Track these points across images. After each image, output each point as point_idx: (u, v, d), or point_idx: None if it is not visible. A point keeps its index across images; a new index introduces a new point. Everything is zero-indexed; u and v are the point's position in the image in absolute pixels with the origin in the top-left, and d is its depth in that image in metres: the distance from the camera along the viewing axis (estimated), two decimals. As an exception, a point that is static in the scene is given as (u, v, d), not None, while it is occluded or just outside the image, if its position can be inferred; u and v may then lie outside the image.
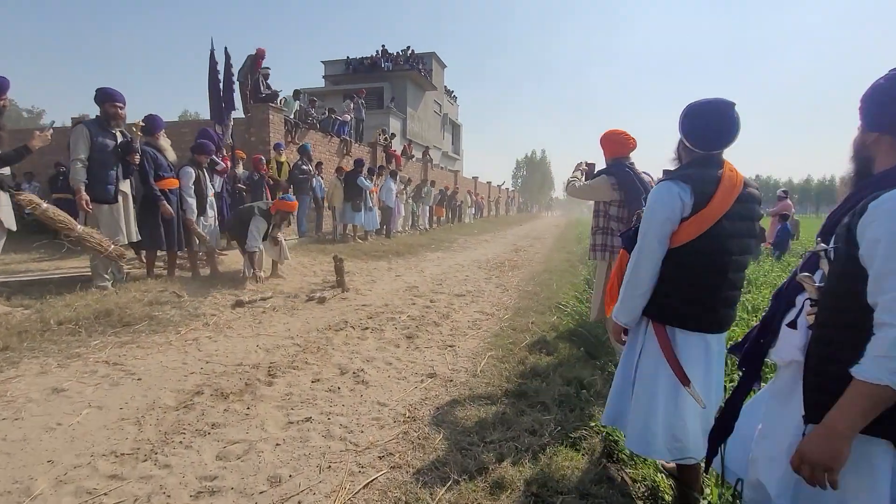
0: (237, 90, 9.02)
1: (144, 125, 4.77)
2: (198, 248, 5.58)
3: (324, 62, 29.42)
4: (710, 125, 1.69)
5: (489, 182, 32.12)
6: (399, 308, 5.00)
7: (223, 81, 7.51)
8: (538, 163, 76.94)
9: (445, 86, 33.90)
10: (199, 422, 2.40)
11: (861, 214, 1.08)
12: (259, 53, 9.42)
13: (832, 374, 1.11)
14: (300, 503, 1.83)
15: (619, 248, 3.28)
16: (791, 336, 1.26)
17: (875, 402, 1.01)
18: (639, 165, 3.32)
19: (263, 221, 5.36)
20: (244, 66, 9.52)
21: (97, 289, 4.45)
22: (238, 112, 8.82)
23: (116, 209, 4.51)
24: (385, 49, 27.88)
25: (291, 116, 10.67)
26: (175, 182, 5.06)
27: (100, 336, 3.61)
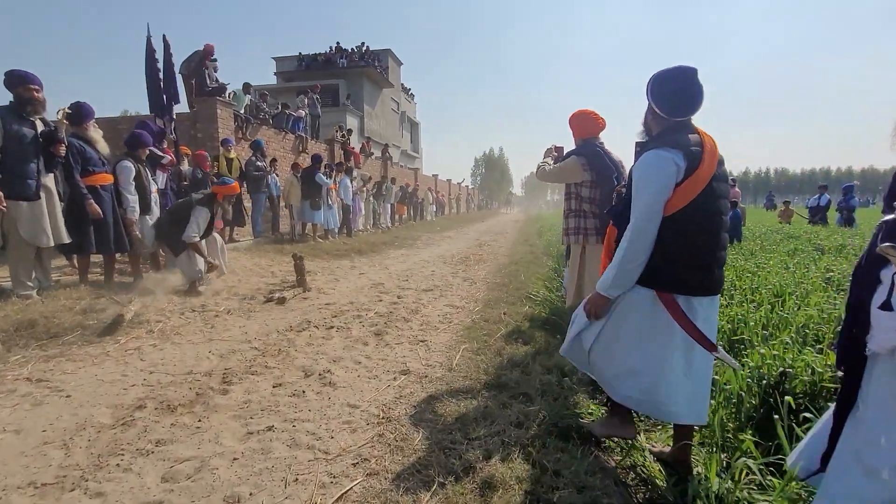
0: (181, 81, 8.42)
1: (71, 113, 4.22)
2: (141, 250, 5.07)
3: (275, 58, 28.32)
4: (680, 91, 1.71)
5: (449, 180, 32.14)
6: (365, 305, 4.75)
7: (163, 71, 6.93)
8: (496, 160, 77.77)
9: (402, 83, 33.51)
10: (141, 440, 2.08)
11: None
12: (207, 50, 8.83)
13: None
14: (264, 525, 1.59)
15: (593, 231, 3.23)
16: (887, 319, 1.11)
17: None
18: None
19: (206, 210, 4.90)
20: (190, 60, 8.89)
21: (19, 298, 3.92)
22: (183, 106, 8.22)
23: (38, 207, 3.96)
24: (339, 45, 27.17)
25: (242, 111, 10.08)
26: (107, 177, 4.55)
27: (21, 350, 3.15)
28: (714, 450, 1.93)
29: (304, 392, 2.64)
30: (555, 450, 1.94)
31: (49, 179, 4.08)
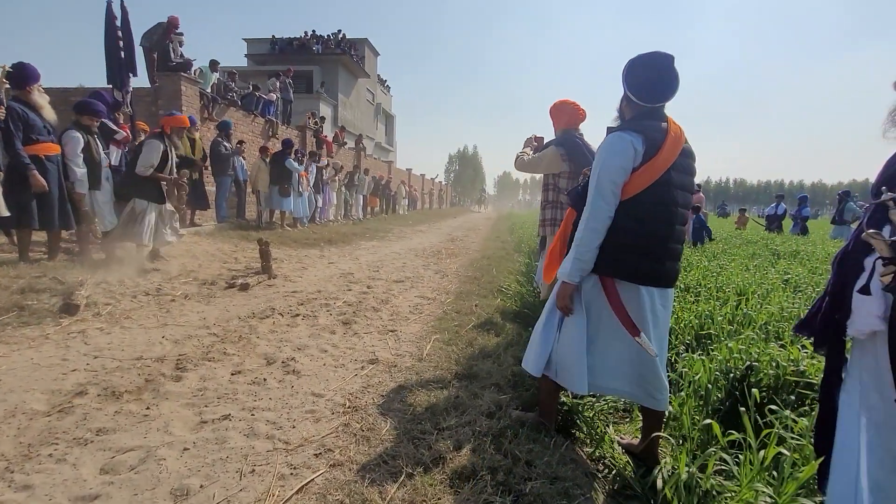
0: (141, 55, 7.93)
1: (12, 72, 3.84)
2: (89, 227, 4.72)
3: (246, 40, 27.27)
4: (655, 77, 1.70)
5: (423, 174, 31.91)
6: (333, 294, 4.59)
7: (123, 40, 6.49)
8: (470, 157, 77.84)
9: (379, 74, 32.98)
10: (79, 428, 1.90)
11: None
12: (172, 21, 8.32)
13: None
14: (214, 519, 1.46)
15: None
16: (866, 303, 1.11)
17: None
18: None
19: (156, 142, 4.62)
20: (152, 32, 8.37)
21: (-54, 275, 3.56)
22: (143, 80, 7.74)
23: (-28, 176, 3.62)
24: (315, 32, 26.43)
25: (208, 90, 9.59)
26: (54, 147, 4.18)
27: (-54, 331, 2.85)
28: (682, 441, 1.93)
29: (266, 380, 2.49)
30: (527, 440, 1.89)
31: (-15, 147, 3.72)
